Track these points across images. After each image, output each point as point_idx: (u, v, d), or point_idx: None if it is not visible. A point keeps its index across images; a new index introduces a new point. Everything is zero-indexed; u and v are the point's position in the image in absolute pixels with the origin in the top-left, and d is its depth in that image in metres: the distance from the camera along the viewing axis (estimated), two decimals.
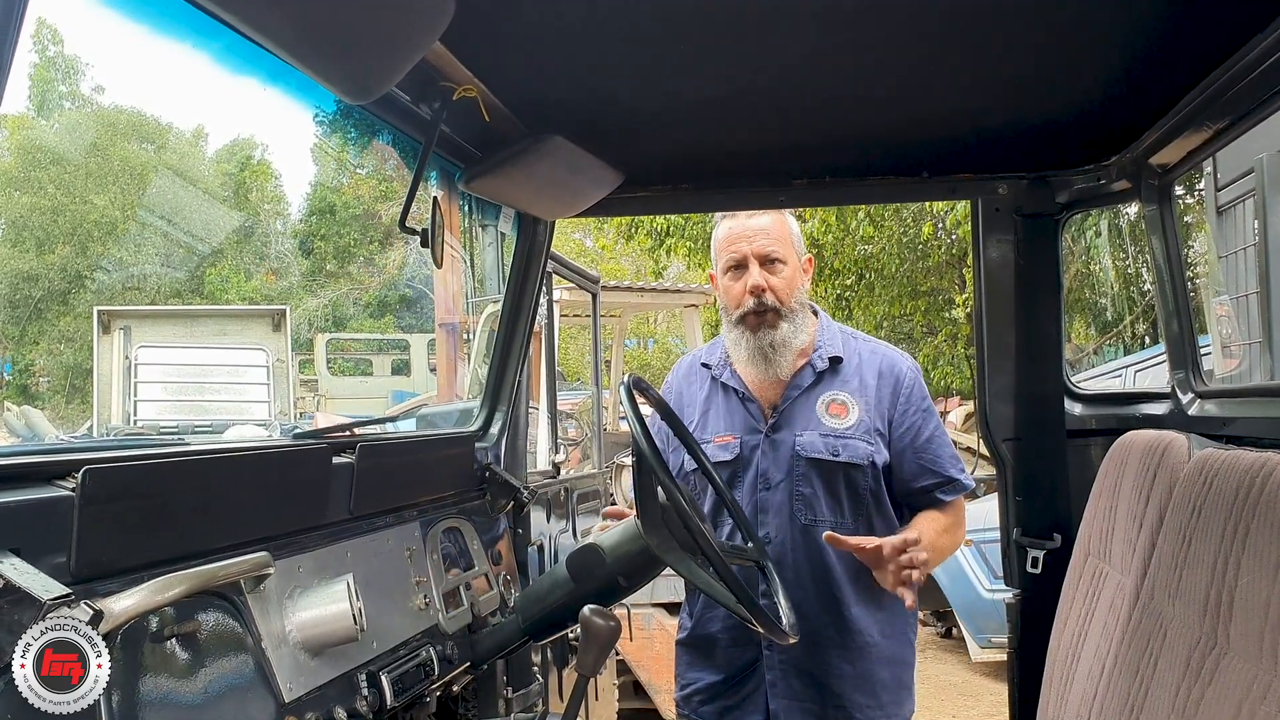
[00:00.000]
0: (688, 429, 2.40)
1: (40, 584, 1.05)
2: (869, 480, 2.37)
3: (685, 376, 2.62)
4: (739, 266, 2.41)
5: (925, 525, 2.33)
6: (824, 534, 2.23)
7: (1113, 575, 1.99)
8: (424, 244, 1.95)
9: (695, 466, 2.39)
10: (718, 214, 2.57)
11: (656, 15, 1.54)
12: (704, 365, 2.57)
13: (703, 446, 2.41)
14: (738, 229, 2.41)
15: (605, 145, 2.14)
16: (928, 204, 11.76)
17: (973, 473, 2.59)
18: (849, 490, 2.37)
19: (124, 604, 1.15)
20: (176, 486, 1.37)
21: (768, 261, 2.38)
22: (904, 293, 13.44)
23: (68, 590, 1.06)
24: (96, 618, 1.07)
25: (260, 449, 1.66)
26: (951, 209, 11.60)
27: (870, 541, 2.15)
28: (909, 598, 2.14)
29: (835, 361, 2.44)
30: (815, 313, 2.53)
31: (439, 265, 2.02)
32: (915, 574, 2.11)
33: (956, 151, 2.34)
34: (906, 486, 2.42)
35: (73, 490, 1.19)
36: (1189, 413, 2.24)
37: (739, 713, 2.41)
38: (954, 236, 12.56)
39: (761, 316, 2.37)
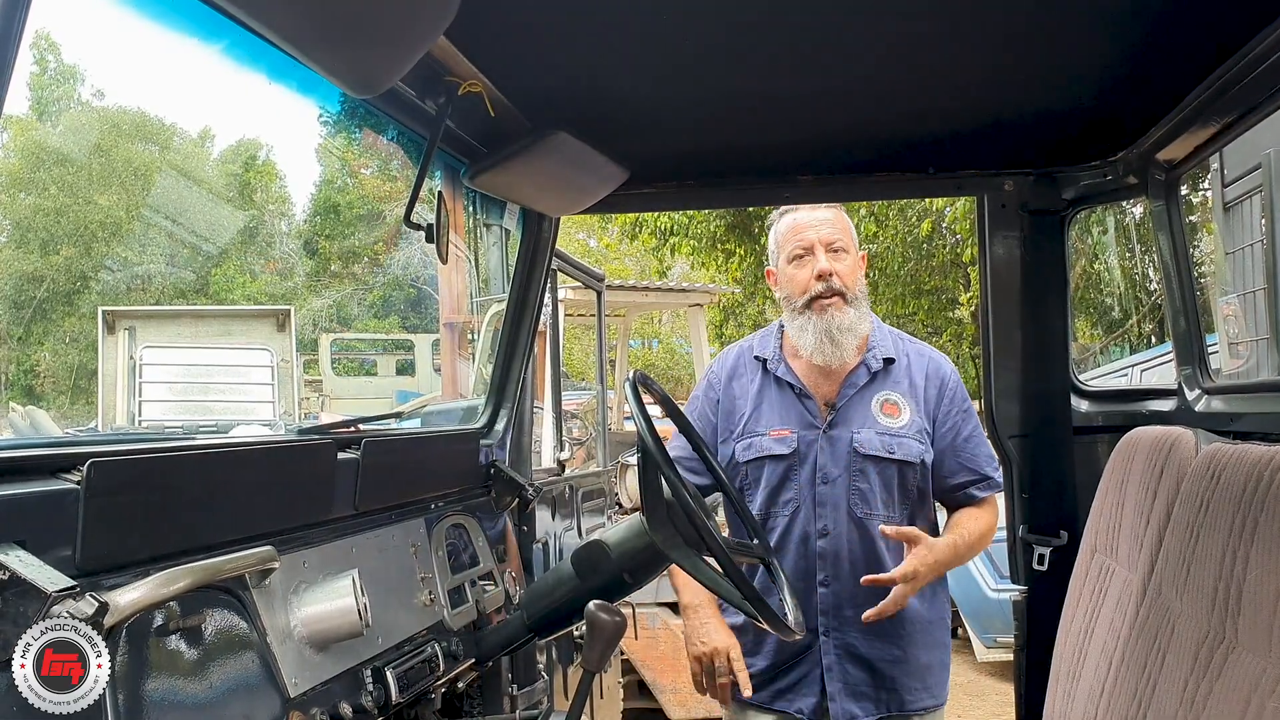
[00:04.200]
0: (693, 424, 2.41)
1: (46, 576, 1.05)
2: (918, 477, 2.46)
3: (734, 367, 2.64)
4: (804, 255, 2.47)
5: (960, 531, 2.44)
6: (879, 527, 2.37)
7: (1119, 571, 1.98)
8: (429, 239, 1.95)
9: (748, 458, 2.48)
10: (776, 211, 2.62)
11: (662, 11, 1.54)
12: (757, 358, 2.60)
13: (757, 439, 2.49)
14: (803, 220, 2.49)
15: (610, 141, 2.14)
16: (928, 202, 11.72)
17: None
18: (901, 486, 2.46)
19: (129, 597, 1.15)
20: (182, 480, 1.37)
21: (833, 250, 2.46)
22: (908, 291, 13.42)
23: (73, 583, 1.06)
24: (101, 610, 1.07)
25: (266, 444, 1.66)
26: (951, 206, 11.56)
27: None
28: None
29: (888, 362, 2.52)
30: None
31: (444, 260, 2.02)
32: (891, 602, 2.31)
33: (962, 147, 2.33)
34: (944, 484, 2.50)
35: (78, 483, 1.19)
36: (1196, 409, 2.23)
37: (792, 695, 2.47)
38: (957, 237, 12.53)
39: (829, 300, 2.44)
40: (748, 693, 2.39)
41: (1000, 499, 2.56)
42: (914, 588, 2.31)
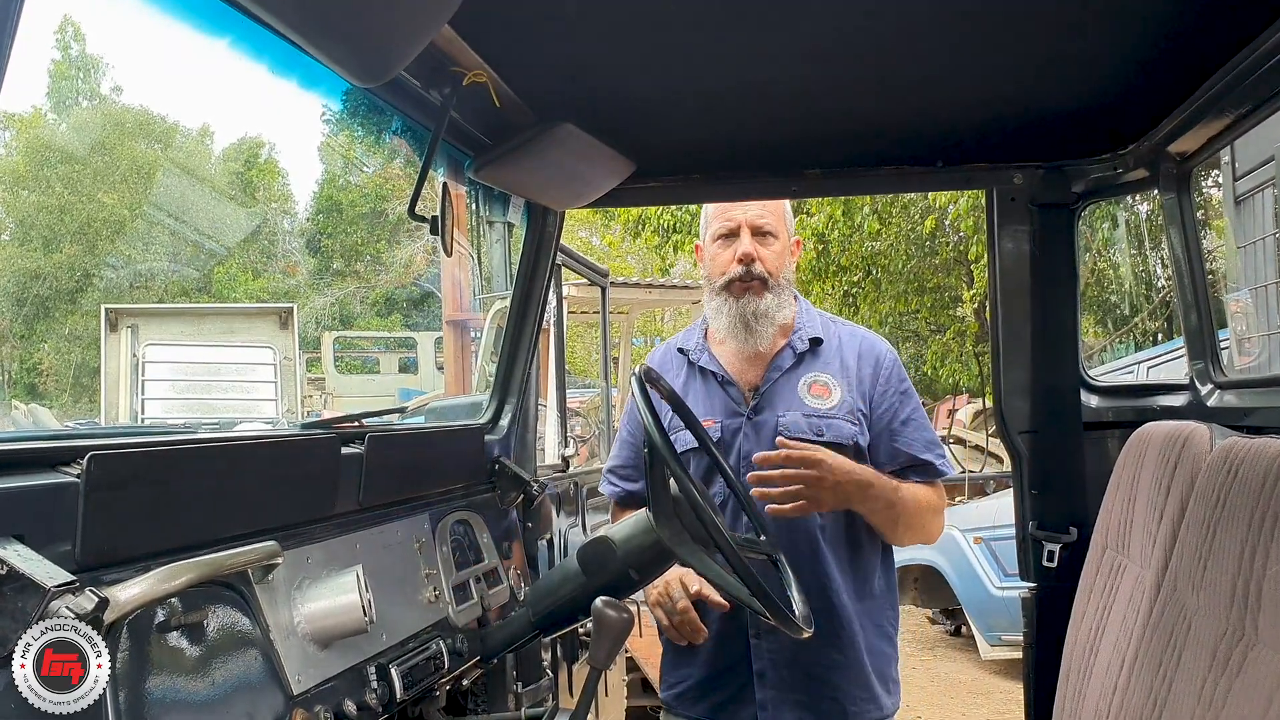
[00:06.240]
0: (698, 421, 2.38)
1: (44, 571, 1.03)
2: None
3: (660, 365, 2.56)
4: (730, 235, 2.42)
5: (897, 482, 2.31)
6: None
7: (1131, 568, 1.96)
8: (433, 231, 1.94)
9: (691, 447, 2.35)
10: None
11: (670, 2, 1.52)
12: (679, 351, 2.54)
13: (682, 432, 2.36)
14: None
15: (617, 134, 2.12)
16: (931, 199, 11.68)
17: (981, 470, 2.57)
18: None
19: (129, 592, 1.13)
20: (183, 474, 1.35)
21: (760, 233, 2.40)
22: (911, 289, 13.39)
23: (72, 577, 1.04)
24: (101, 606, 1.05)
25: (269, 438, 1.64)
26: (954, 203, 11.52)
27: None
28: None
29: (815, 343, 2.43)
30: (795, 297, 2.51)
31: (449, 253, 2.00)
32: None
33: (971, 141, 2.31)
34: (880, 470, 2.35)
35: (78, 476, 1.17)
36: (1208, 404, 2.21)
37: (732, 706, 2.35)
38: (960, 235, 12.50)
39: (747, 284, 2.37)
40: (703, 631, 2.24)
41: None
42: (817, 472, 2.15)
